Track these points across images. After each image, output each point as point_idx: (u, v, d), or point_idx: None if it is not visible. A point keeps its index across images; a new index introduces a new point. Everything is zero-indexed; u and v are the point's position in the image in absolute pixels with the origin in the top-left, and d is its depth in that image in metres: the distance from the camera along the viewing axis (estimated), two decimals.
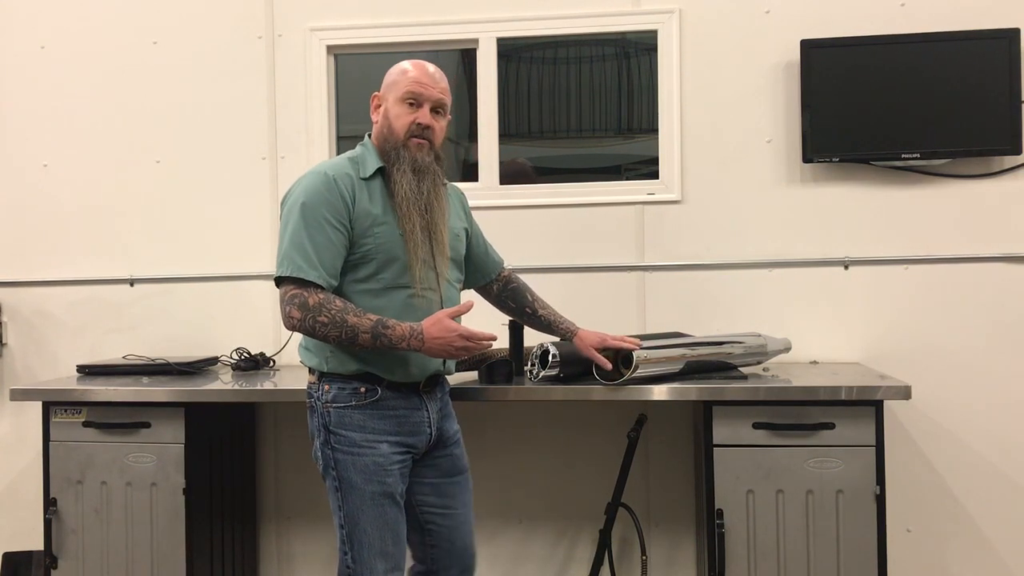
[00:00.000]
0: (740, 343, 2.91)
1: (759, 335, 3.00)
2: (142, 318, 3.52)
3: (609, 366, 2.66)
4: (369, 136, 2.45)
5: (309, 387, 2.40)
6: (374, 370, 2.33)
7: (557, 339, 2.76)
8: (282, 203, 2.37)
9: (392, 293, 2.33)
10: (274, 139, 3.48)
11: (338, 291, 2.32)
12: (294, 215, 2.28)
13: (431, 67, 2.40)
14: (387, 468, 2.33)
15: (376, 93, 2.42)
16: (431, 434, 2.42)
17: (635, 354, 2.62)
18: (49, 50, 3.57)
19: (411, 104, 2.35)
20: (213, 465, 3.08)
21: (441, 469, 2.48)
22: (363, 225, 2.31)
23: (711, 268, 3.29)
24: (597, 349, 2.65)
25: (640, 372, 2.64)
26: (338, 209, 2.28)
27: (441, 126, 2.41)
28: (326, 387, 2.34)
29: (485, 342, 2.30)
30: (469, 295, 2.60)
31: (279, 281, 2.30)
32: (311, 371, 2.40)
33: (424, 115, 2.35)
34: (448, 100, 2.42)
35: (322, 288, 2.26)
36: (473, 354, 2.37)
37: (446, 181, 2.49)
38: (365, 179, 2.34)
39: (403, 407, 2.36)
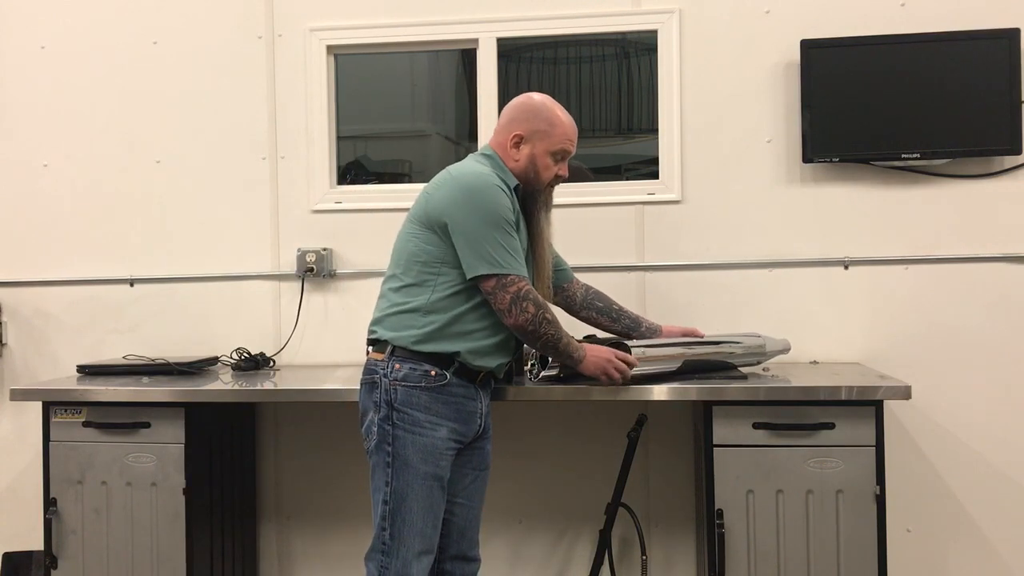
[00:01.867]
0: (739, 343, 2.91)
1: (758, 335, 2.99)
2: (142, 318, 3.52)
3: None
4: (491, 148, 2.55)
5: (374, 364, 2.45)
6: (466, 354, 2.43)
7: None
8: (439, 199, 2.43)
9: None
10: (274, 139, 3.48)
11: (467, 289, 2.43)
12: (487, 219, 2.38)
13: (569, 115, 2.56)
14: (443, 452, 2.44)
15: (518, 132, 2.50)
16: (481, 424, 2.53)
17: (633, 352, 2.65)
18: (49, 50, 3.56)
19: (559, 159, 2.54)
20: (213, 465, 3.08)
21: (472, 461, 2.58)
22: None
23: (711, 268, 3.29)
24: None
25: (638, 371, 2.64)
26: (513, 216, 2.43)
27: None
28: (396, 365, 2.42)
29: (629, 369, 2.58)
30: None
31: (486, 279, 2.38)
32: (377, 349, 2.46)
33: (565, 169, 2.57)
34: None
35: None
36: (616, 376, 2.57)
37: None
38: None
39: (462, 395, 2.47)
